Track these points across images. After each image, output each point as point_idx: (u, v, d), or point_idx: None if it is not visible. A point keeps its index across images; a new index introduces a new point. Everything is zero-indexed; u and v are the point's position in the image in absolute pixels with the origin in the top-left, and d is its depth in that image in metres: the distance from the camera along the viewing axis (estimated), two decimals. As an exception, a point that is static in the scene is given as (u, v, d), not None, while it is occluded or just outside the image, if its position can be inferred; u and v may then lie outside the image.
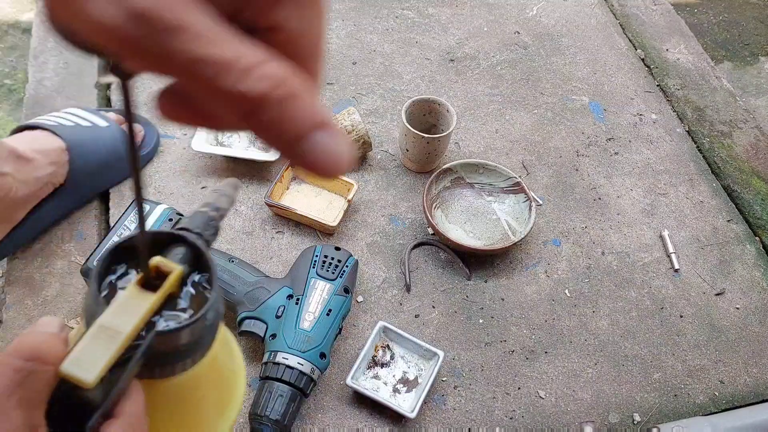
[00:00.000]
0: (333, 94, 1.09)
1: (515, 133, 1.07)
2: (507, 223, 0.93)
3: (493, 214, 0.94)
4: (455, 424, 0.76)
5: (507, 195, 0.94)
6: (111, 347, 0.32)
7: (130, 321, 0.33)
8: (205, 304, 0.35)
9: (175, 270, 0.35)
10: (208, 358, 0.39)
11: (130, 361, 0.32)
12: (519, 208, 0.92)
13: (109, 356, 0.31)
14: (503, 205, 0.94)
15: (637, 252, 0.94)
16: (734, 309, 0.89)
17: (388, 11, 1.24)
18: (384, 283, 0.87)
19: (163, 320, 0.34)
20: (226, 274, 0.78)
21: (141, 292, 0.34)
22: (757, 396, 0.82)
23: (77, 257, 0.86)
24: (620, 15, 1.29)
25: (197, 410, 0.42)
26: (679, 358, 0.84)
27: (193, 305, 0.36)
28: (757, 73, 1.33)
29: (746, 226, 0.98)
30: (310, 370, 0.72)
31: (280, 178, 0.91)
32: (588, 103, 1.12)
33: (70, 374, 0.31)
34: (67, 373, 0.31)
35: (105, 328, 0.32)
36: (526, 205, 0.91)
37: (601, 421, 0.78)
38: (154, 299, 0.33)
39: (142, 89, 1.08)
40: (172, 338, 0.34)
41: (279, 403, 0.69)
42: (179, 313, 0.35)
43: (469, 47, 1.19)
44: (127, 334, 0.32)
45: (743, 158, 1.06)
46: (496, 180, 0.94)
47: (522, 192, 0.92)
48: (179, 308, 0.35)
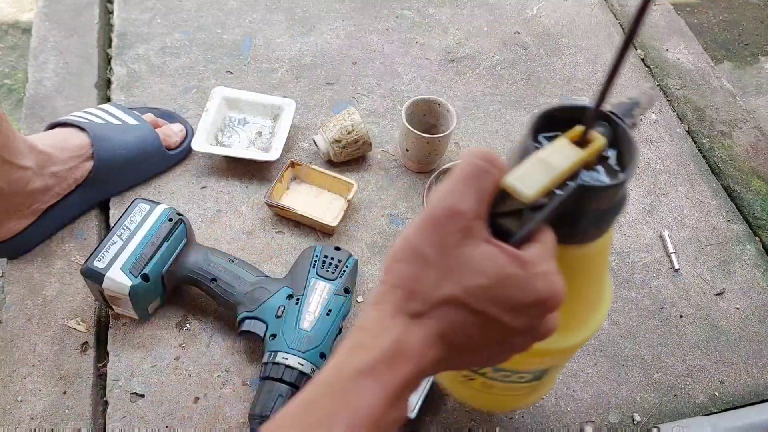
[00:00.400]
0: (333, 94, 1.09)
1: (515, 133, 1.06)
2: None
3: (493, 214, 0.94)
4: (455, 424, 0.76)
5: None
6: (548, 174, 0.36)
7: (564, 161, 0.37)
8: (620, 177, 0.40)
9: (600, 139, 0.39)
10: (603, 240, 0.44)
11: (552, 200, 0.37)
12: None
13: (546, 181, 0.36)
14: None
15: (637, 252, 0.94)
16: (734, 309, 0.89)
17: (388, 11, 1.24)
18: (384, 283, 0.87)
19: (585, 178, 0.39)
20: (226, 275, 0.78)
21: (572, 145, 0.38)
22: (757, 396, 0.82)
23: (77, 257, 0.86)
24: (620, 15, 1.29)
25: (586, 291, 0.48)
26: (679, 358, 0.84)
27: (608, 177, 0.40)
28: (757, 73, 1.33)
29: (746, 226, 0.98)
30: (310, 370, 0.72)
31: (280, 178, 0.91)
32: (588, 103, 1.12)
33: (512, 186, 0.36)
34: (510, 185, 0.36)
35: (542, 161, 0.37)
36: None
37: (601, 421, 0.78)
38: (584, 152, 0.38)
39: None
40: (593, 194, 0.39)
41: (279, 403, 0.69)
42: (600, 177, 0.40)
43: (469, 47, 1.19)
44: (562, 169, 0.37)
45: (743, 158, 1.06)
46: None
47: None
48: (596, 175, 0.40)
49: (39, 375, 0.77)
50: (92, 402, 0.75)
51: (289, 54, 1.15)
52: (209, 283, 0.78)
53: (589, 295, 0.50)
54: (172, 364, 0.78)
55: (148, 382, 0.76)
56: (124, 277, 0.73)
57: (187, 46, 1.14)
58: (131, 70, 1.09)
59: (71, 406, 0.75)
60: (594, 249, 0.44)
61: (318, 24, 1.21)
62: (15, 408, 0.74)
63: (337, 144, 0.94)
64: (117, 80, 1.07)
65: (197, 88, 1.07)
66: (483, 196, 0.37)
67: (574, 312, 0.49)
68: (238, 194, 0.95)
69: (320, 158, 0.98)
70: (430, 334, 0.37)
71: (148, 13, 1.18)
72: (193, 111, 1.03)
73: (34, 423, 0.73)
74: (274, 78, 1.10)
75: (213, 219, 0.92)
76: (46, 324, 0.81)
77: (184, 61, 1.11)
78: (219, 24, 1.18)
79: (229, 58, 1.13)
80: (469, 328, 0.37)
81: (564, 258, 0.41)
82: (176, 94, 1.06)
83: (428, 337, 0.37)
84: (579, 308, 0.50)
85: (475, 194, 0.37)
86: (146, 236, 0.76)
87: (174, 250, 0.78)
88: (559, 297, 0.37)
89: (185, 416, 0.74)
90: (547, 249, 0.38)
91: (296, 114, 1.04)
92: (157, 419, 0.74)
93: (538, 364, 0.56)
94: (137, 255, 0.75)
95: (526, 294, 0.36)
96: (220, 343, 0.80)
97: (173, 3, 1.21)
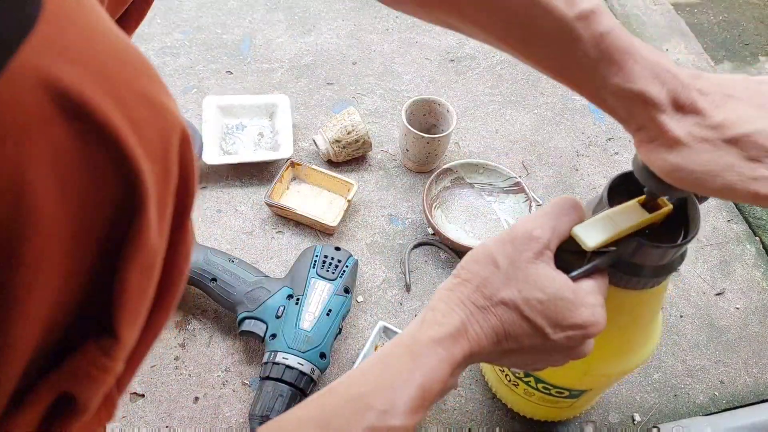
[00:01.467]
0: (333, 94, 1.09)
1: (515, 133, 1.06)
2: (507, 223, 0.93)
3: (493, 214, 0.94)
4: (455, 424, 0.76)
5: (507, 195, 0.94)
6: (610, 230, 0.44)
7: (627, 220, 0.45)
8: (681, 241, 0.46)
9: (668, 206, 0.46)
10: (657, 291, 0.51)
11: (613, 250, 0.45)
12: (519, 208, 0.92)
13: (608, 235, 0.44)
14: (503, 205, 0.94)
15: (637, 252, 0.94)
16: (734, 309, 0.89)
17: (388, 11, 1.24)
18: (384, 283, 0.87)
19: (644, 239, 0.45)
20: (226, 274, 0.78)
21: (640, 208, 0.46)
22: (757, 396, 0.81)
23: (77, 257, 0.86)
24: (620, 15, 1.29)
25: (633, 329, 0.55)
26: (679, 358, 0.84)
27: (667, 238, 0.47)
28: (757, 73, 1.32)
29: (746, 226, 0.98)
30: (310, 370, 0.72)
31: (280, 178, 0.91)
32: (588, 103, 1.12)
33: (579, 235, 0.45)
34: (577, 233, 0.45)
35: (609, 218, 0.45)
36: (526, 205, 0.91)
37: (601, 421, 0.78)
38: (648, 216, 0.45)
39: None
40: (649, 251, 0.45)
41: (279, 403, 0.69)
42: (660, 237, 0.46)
43: (469, 47, 1.19)
44: (623, 228, 0.44)
45: (743, 158, 1.06)
46: (496, 180, 0.94)
47: (522, 192, 0.92)
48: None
49: (39, 375, 0.77)
50: (92, 402, 0.75)
51: (289, 54, 1.15)
52: (209, 283, 0.78)
53: (636, 333, 0.57)
54: (172, 364, 0.78)
55: (148, 382, 0.76)
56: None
57: (186, 46, 1.14)
58: (131, 70, 1.09)
59: (71, 406, 0.75)
60: (648, 295, 0.51)
61: (318, 24, 1.21)
62: (15, 408, 0.74)
63: (337, 144, 0.94)
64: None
65: (197, 89, 1.07)
66: (558, 233, 0.45)
67: (620, 346, 0.57)
68: (238, 194, 0.95)
69: (320, 158, 0.98)
70: (487, 326, 0.44)
71: (147, 12, 1.18)
72: (193, 111, 1.03)
73: (34, 423, 0.73)
74: (273, 78, 1.10)
75: (213, 219, 0.92)
76: (46, 324, 0.80)
77: (184, 61, 1.11)
78: (219, 24, 1.18)
79: (229, 58, 1.13)
80: (517, 329, 0.44)
81: (621, 298, 0.49)
82: (176, 94, 1.06)
83: (485, 327, 0.44)
84: (625, 343, 0.57)
85: (552, 229, 0.45)
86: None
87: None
88: (598, 326, 0.44)
89: (185, 416, 0.74)
90: (598, 287, 0.46)
91: (296, 114, 1.04)
92: (156, 419, 0.74)
93: (578, 383, 0.61)
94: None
95: (571, 315, 0.44)
96: (220, 343, 0.80)
97: (173, 3, 1.21)
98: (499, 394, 0.77)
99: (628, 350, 0.58)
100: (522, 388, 0.68)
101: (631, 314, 0.54)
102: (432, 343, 0.44)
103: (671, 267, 0.48)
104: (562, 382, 0.62)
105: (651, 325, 0.58)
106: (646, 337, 0.59)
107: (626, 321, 0.54)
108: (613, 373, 0.59)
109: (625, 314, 0.53)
